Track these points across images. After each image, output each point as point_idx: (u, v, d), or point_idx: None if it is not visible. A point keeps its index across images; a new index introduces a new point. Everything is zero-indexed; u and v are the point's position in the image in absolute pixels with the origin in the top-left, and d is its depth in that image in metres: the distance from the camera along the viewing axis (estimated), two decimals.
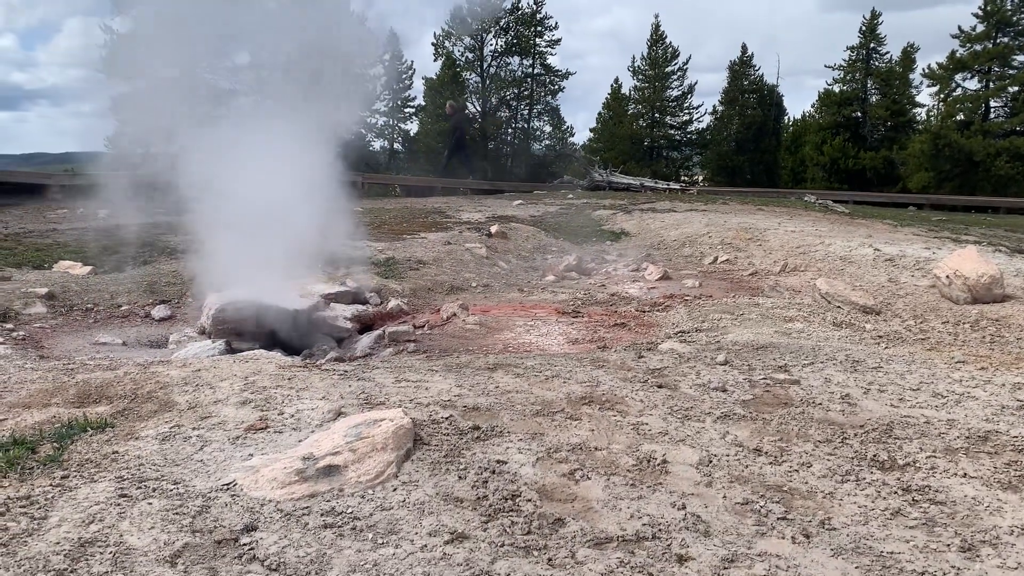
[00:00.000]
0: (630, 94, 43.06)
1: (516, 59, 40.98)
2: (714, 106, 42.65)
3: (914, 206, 24.80)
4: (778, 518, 2.84)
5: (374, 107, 38.18)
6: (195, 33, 7.33)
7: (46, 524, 2.55)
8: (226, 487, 2.86)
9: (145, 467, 3.02)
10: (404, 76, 39.32)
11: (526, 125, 42.44)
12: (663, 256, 12.00)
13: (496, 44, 40.68)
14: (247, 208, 7.26)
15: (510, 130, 42.27)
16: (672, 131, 43.34)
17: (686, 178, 41.77)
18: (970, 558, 2.60)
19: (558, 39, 41.24)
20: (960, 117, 33.74)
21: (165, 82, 7.42)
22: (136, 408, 3.74)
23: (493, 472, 3.08)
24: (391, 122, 40.33)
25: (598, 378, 4.57)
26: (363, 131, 37.09)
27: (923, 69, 35.96)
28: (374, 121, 39.20)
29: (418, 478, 3.00)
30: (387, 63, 37.44)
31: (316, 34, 7.95)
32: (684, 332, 6.64)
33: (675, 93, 42.56)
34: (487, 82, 40.80)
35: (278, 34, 8.00)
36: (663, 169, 39.07)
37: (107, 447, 3.20)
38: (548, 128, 42.56)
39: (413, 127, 40.64)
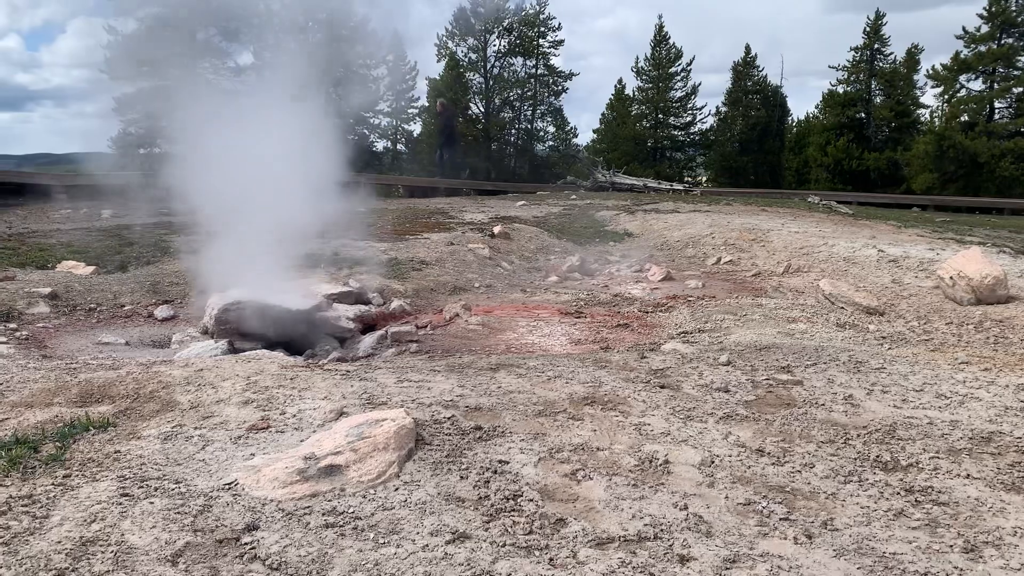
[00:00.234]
0: (634, 95, 43.10)
1: (519, 60, 41.10)
2: (718, 107, 42.77)
3: (918, 207, 24.78)
4: (780, 519, 2.83)
5: (377, 108, 38.27)
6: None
7: (48, 523, 2.55)
8: (228, 487, 2.86)
9: (147, 466, 3.02)
10: (407, 76, 39.42)
11: (529, 126, 42.50)
12: (666, 257, 12.00)
13: (499, 45, 40.79)
14: (250, 209, 7.28)
15: (513, 131, 42.34)
16: (676, 132, 43.37)
17: (689, 179, 41.79)
18: (973, 559, 2.59)
19: (561, 40, 41.37)
20: (964, 118, 33.69)
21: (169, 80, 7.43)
22: (138, 408, 3.74)
23: (495, 472, 3.08)
24: (394, 122, 40.40)
25: (600, 378, 4.57)
26: (366, 131, 37.19)
27: (927, 70, 35.98)
28: (377, 122, 39.29)
29: (420, 478, 3.00)
30: (390, 63, 37.57)
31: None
32: (687, 333, 6.63)
33: (679, 94, 42.60)
34: (490, 83, 40.86)
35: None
36: (666, 170, 39.06)
37: (109, 446, 3.21)
38: (551, 129, 42.69)
39: (416, 128, 40.75)
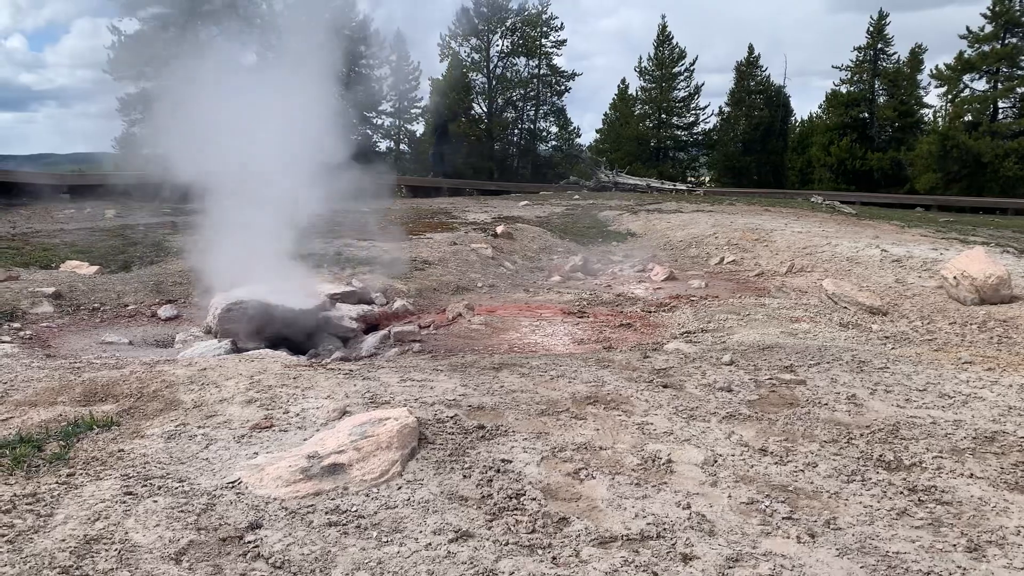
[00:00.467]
0: (637, 95, 43.11)
1: (522, 60, 41.13)
2: (721, 107, 42.75)
3: (921, 207, 24.77)
4: (783, 518, 2.83)
5: (380, 108, 38.31)
6: None
7: (52, 521, 2.56)
8: (231, 485, 2.86)
9: (151, 465, 3.03)
10: (410, 77, 39.47)
11: (532, 126, 42.54)
12: (669, 257, 12.00)
13: (502, 45, 40.82)
14: (252, 209, 7.29)
15: (516, 131, 42.36)
16: (679, 132, 43.37)
17: (692, 179, 41.79)
18: (976, 558, 2.59)
19: (564, 40, 41.44)
20: (968, 118, 33.63)
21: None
22: (142, 407, 3.75)
23: (498, 471, 3.08)
24: (397, 123, 40.44)
25: (603, 378, 4.57)
26: (369, 131, 37.22)
27: (931, 70, 35.95)
28: (380, 122, 39.32)
29: (423, 477, 3.00)
30: (393, 64, 37.62)
31: None
32: (690, 332, 6.63)
33: (682, 94, 42.62)
34: (493, 83, 40.88)
35: None
36: (669, 170, 39.08)
37: (113, 445, 3.21)
38: (554, 129, 42.77)
39: (419, 128, 40.79)
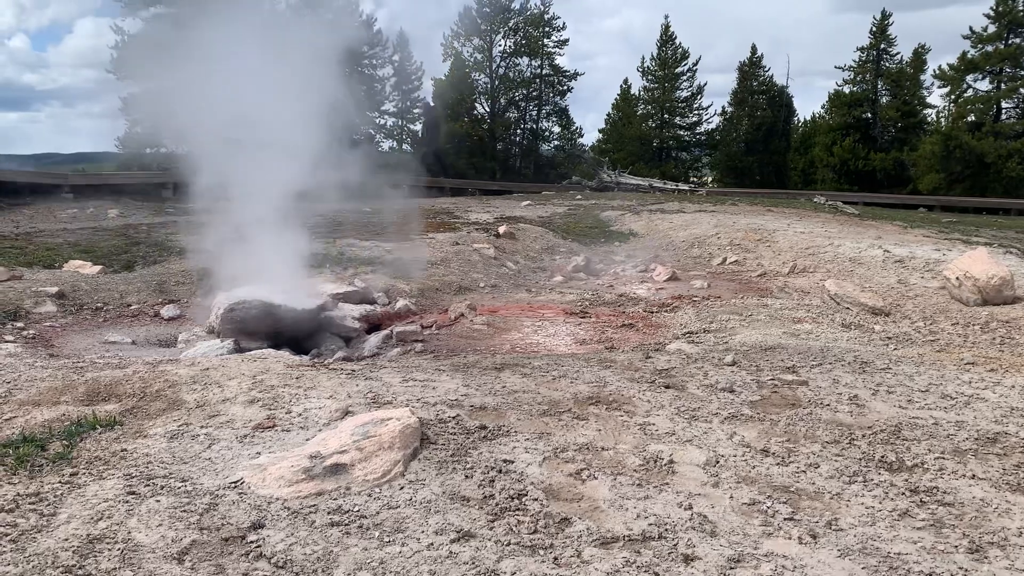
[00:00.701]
0: (639, 95, 43.08)
1: (525, 60, 41.11)
2: (723, 107, 42.67)
3: (924, 208, 24.73)
4: (785, 519, 2.83)
5: (383, 108, 38.30)
6: None
7: (55, 521, 2.57)
8: (233, 485, 2.87)
9: (153, 465, 3.03)
10: (413, 76, 39.45)
11: (535, 126, 42.52)
12: (671, 257, 11.99)
13: (505, 45, 40.81)
14: (255, 208, 7.30)
15: (519, 131, 42.34)
16: (681, 132, 43.33)
17: (695, 179, 41.75)
18: (978, 559, 2.59)
19: (566, 39, 41.42)
20: (971, 118, 33.54)
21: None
22: (145, 406, 3.76)
23: (500, 471, 3.09)
24: (400, 122, 40.43)
25: (605, 378, 4.57)
26: (372, 131, 37.22)
27: (934, 70, 35.85)
28: (383, 122, 39.31)
29: (425, 477, 3.01)
30: (396, 63, 37.61)
31: None
32: (692, 333, 6.63)
33: (684, 94, 42.57)
34: (496, 83, 40.87)
35: None
36: (672, 170, 39.04)
37: (116, 445, 3.22)
38: (557, 129, 42.76)
39: (422, 128, 40.74)
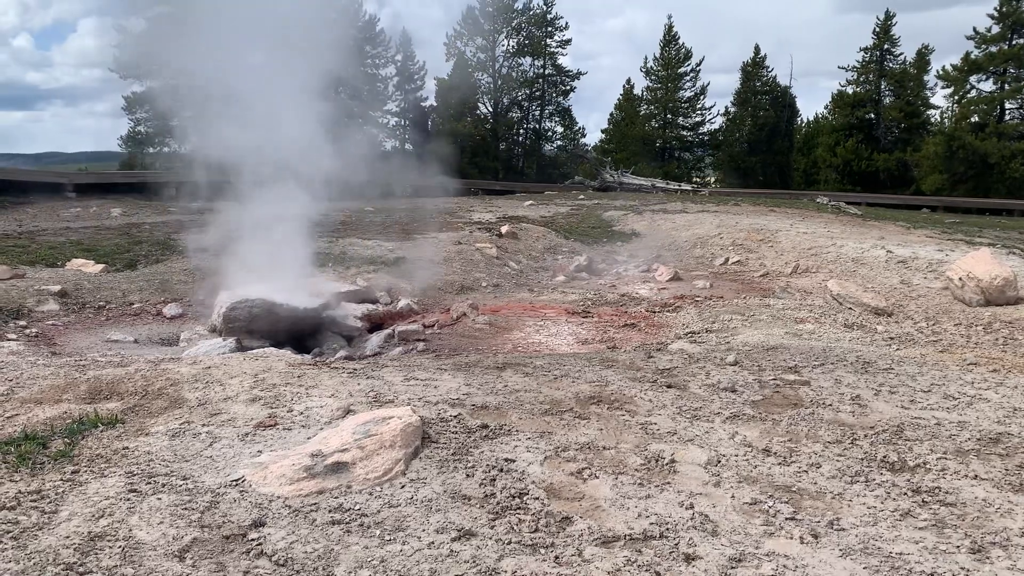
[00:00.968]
0: (642, 95, 43.02)
1: (528, 59, 41.09)
2: (726, 107, 42.59)
3: (927, 208, 24.68)
4: (786, 518, 2.83)
5: (385, 107, 38.30)
6: None
7: (56, 518, 2.57)
8: (235, 483, 2.87)
9: (155, 463, 3.04)
10: (416, 76, 39.45)
11: (537, 126, 42.51)
12: (674, 257, 11.99)
13: (508, 44, 40.78)
14: (258, 208, 7.31)
15: (521, 131, 42.33)
16: (684, 132, 43.25)
17: (698, 179, 41.70)
18: (980, 560, 2.59)
19: (569, 39, 41.39)
20: (975, 119, 33.43)
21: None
22: (147, 404, 3.76)
23: (501, 470, 3.09)
24: (403, 122, 40.41)
25: (607, 378, 4.57)
26: (375, 131, 37.23)
27: (937, 70, 35.70)
28: (386, 121, 39.31)
29: (426, 476, 3.01)
30: (399, 63, 37.60)
31: None
32: (694, 333, 6.62)
33: (687, 94, 42.48)
34: (499, 83, 40.86)
35: None
36: (675, 170, 38.96)
37: (117, 443, 3.23)
38: (559, 129, 42.71)
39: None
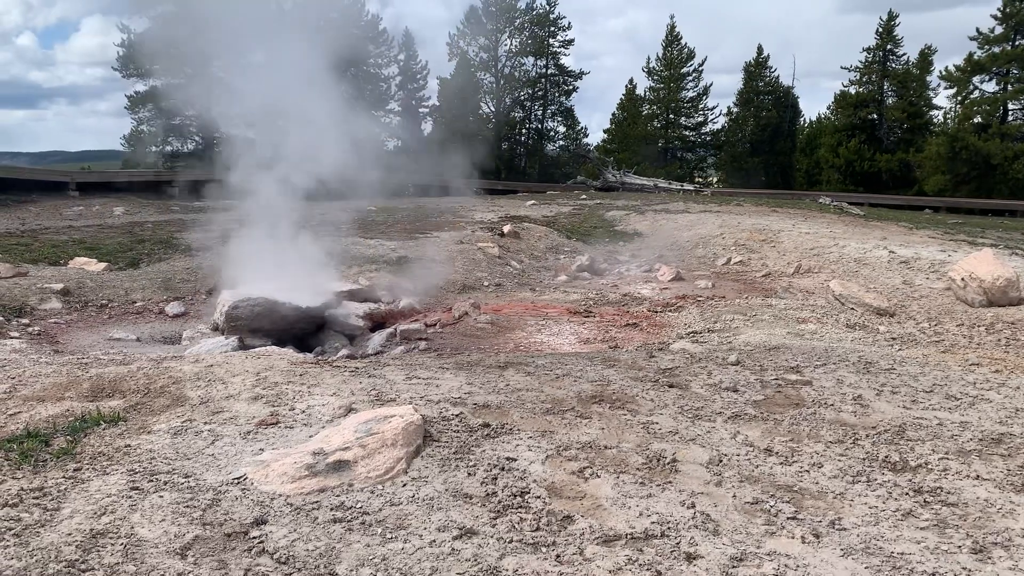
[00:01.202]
0: (645, 95, 42.98)
1: (530, 59, 41.09)
2: (729, 107, 42.58)
3: (930, 209, 24.64)
4: (788, 518, 2.83)
5: (388, 107, 38.32)
6: None
7: (58, 515, 2.57)
8: (237, 481, 2.88)
9: (157, 461, 3.04)
10: (418, 76, 39.45)
11: (540, 126, 42.51)
12: (676, 257, 11.98)
13: (510, 44, 40.78)
14: (260, 207, 7.32)
15: (524, 130, 42.32)
16: (686, 132, 43.22)
17: (700, 179, 41.64)
18: (982, 560, 2.58)
19: (571, 39, 41.40)
20: (978, 120, 33.36)
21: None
22: (149, 402, 3.77)
23: (502, 469, 3.09)
24: (405, 122, 40.39)
25: (609, 377, 4.57)
26: (377, 130, 37.25)
27: (940, 71, 35.61)
28: (388, 120, 39.30)
29: (428, 474, 3.01)
30: (401, 62, 37.60)
31: None
32: (696, 332, 6.62)
33: (690, 94, 42.45)
34: (501, 82, 40.85)
35: None
36: (677, 170, 38.92)
37: (119, 440, 3.23)
38: (562, 129, 42.70)
39: (427, 127, 40.75)
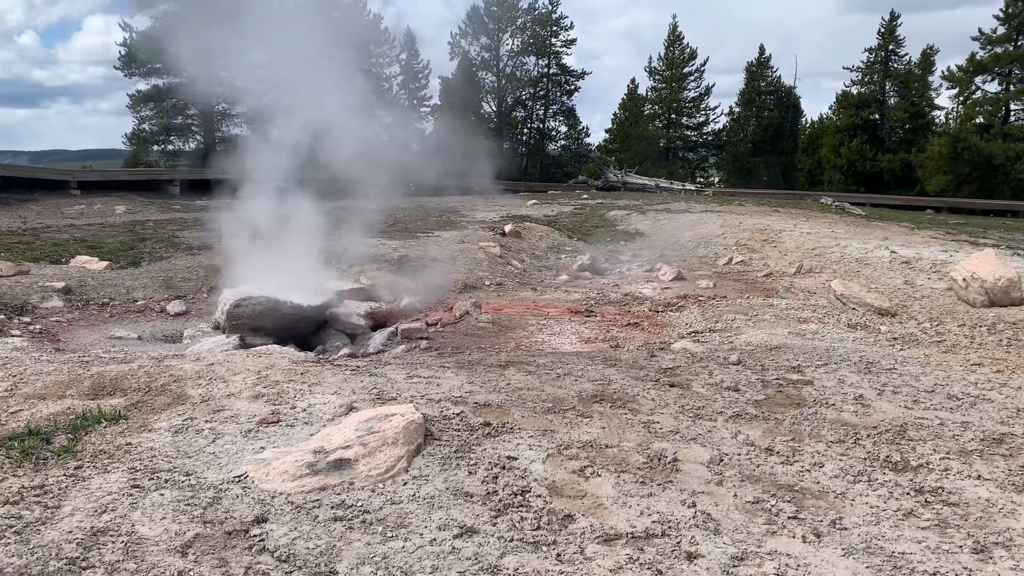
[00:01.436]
0: (646, 95, 42.99)
1: (532, 59, 41.09)
2: (731, 107, 42.59)
3: (932, 209, 24.62)
4: (789, 517, 2.82)
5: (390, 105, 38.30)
6: None
7: (59, 513, 2.57)
8: (237, 479, 2.88)
9: (158, 459, 3.04)
10: (420, 75, 39.46)
11: (541, 125, 42.50)
12: (677, 257, 11.97)
13: (512, 44, 40.78)
14: (261, 206, 7.32)
15: (525, 130, 42.33)
16: (688, 132, 43.23)
17: (702, 179, 41.64)
18: (983, 560, 2.58)
19: (573, 39, 41.38)
20: (979, 120, 33.32)
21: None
22: (150, 401, 3.77)
23: (503, 468, 3.09)
24: (408, 120, 40.39)
25: (610, 376, 4.56)
26: (377, 130, 37.25)
27: (942, 71, 35.57)
28: (389, 120, 39.31)
29: (428, 473, 3.01)
30: (403, 62, 37.62)
31: None
32: (697, 332, 6.62)
33: (692, 94, 42.48)
34: (503, 82, 40.86)
35: None
36: (679, 170, 38.95)
37: (120, 439, 3.23)
38: (563, 128, 42.71)
39: (428, 127, 40.75)
